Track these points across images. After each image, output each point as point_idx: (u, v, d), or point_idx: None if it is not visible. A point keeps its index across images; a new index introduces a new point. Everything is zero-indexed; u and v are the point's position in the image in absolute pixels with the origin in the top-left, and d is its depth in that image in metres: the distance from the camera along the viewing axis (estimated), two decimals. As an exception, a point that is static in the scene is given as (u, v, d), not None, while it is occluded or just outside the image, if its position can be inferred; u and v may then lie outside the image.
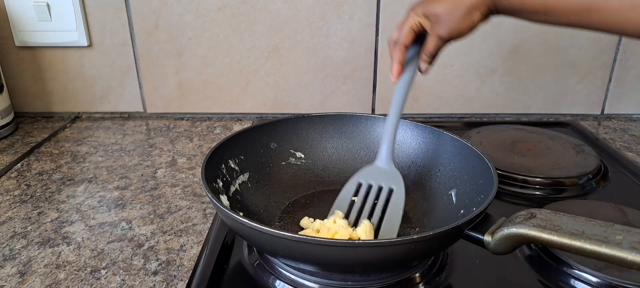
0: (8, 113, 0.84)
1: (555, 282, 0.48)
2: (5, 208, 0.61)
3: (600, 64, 0.88)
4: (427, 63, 0.57)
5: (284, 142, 0.63)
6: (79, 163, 0.74)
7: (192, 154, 0.77)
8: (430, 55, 0.56)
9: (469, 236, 0.43)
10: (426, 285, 0.47)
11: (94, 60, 0.87)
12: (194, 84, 0.89)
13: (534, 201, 0.63)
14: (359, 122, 0.64)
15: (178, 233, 0.56)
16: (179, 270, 0.49)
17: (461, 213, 0.51)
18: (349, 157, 0.64)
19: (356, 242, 0.39)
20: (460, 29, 0.54)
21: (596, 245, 0.36)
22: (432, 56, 0.57)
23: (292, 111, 0.91)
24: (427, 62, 0.57)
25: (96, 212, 0.60)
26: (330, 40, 0.86)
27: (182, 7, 0.83)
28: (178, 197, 0.64)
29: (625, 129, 0.87)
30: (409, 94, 0.57)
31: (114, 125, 0.89)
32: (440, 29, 0.55)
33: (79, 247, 0.53)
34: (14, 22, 0.84)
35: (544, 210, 0.41)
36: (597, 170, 0.68)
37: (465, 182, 0.54)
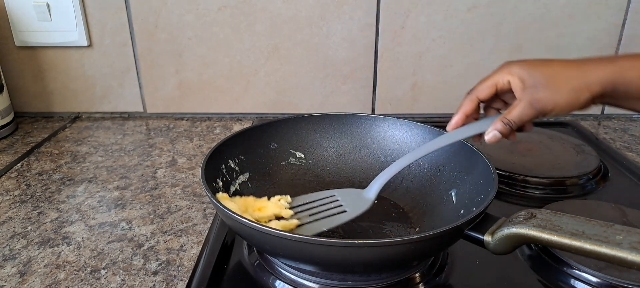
0: (8, 113, 0.84)
1: (555, 282, 0.48)
2: (5, 208, 0.61)
3: (600, 64, 0.88)
4: (503, 131, 0.48)
5: (284, 142, 0.63)
6: (79, 163, 0.74)
7: (192, 154, 0.77)
8: (510, 122, 0.48)
9: (469, 236, 0.43)
10: (426, 285, 0.47)
11: (94, 60, 0.87)
12: (194, 84, 0.89)
13: (534, 201, 0.63)
14: (359, 122, 0.64)
15: (178, 233, 0.56)
16: (179, 270, 0.49)
17: (461, 213, 0.51)
18: (348, 157, 0.64)
19: (356, 242, 0.39)
20: (560, 103, 0.46)
21: (596, 245, 0.36)
22: (513, 125, 0.48)
23: (292, 111, 0.91)
24: (502, 130, 0.48)
25: (96, 212, 0.60)
26: (330, 40, 0.86)
27: (182, 7, 0.83)
28: (178, 197, 0.64)
29: (625, 129, 0.87)
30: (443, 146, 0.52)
31: (114, 125, 0.89)
32: (535, 96, 0.46)
33: (79, 247, 0.53)
34: (14, 22, 0.84)
35: (544, 210, 0.41)
36: (597, 170, 0.68)
37: (465, 182, 0.54)
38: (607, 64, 0.46)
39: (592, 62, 0.47)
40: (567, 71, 0.47)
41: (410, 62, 0.87)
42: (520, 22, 0.85)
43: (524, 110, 0.47)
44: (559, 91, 0.46)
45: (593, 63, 0.47)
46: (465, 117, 0.52)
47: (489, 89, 0.51)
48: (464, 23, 0.84)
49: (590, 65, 0.47)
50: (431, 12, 0.84)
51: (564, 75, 0.47)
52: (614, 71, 0.46)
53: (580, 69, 0.47)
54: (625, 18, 0.84)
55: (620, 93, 0.46)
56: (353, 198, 0.53)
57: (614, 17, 0.84)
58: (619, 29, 0.85)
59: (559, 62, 0.48)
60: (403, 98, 0.90)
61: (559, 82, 0.46)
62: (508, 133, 0.49)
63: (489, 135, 0.50)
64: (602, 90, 0.46)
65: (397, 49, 0.86)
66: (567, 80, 0.46)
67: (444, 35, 0.85)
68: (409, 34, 0.85)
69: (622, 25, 0.85)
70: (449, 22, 0.84)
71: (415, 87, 0.89)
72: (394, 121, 0.63)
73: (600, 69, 0.46)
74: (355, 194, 0.54)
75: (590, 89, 0.46)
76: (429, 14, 0.84)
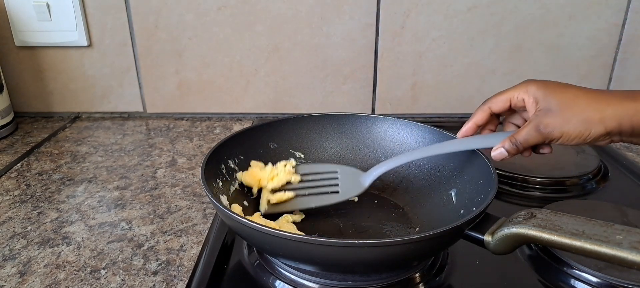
0: (8, 113, 0.84)
1: (555, 282, 0.48)
2: (5, 208, 0.61)
3: (600, 64, 0.88)
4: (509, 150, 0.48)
5: (284, 142, 0.62)
6: (79, 163, 0.74)
7: (192, 154, 0.77)
8: (516, 143, 0.47)
9: (469, 236, 0.43)
10: (426, 285, 0.47)
11: (94, 60, 0.87)
12: (194, 84, 0.89)
13: (534, 201, 0.63)
14: (358, 122, 0.64)
15: (178, 233, 0.56)
16: (179, 270, 0.49)
17: (461, 213, 0.51)
18: (348, 157, 0.64)
19: (356, 242, 0.39)
20: (568, 132, 0.44)
21: (596, 245, 0.36)
22: (519, 145, 0.47)
23: (292, 111, 0.91)
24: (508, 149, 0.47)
25: (96, 212, 0.60)
26: (330, 40, 0.86)
27: (182, 7, 0.83)
28: (178, 197, 0.64)
29: (626, 129, 0.87)
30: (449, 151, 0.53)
31: (114, 125, 0.89)
32: (545, 120, 0.45)
33: (78, 247, 0.53)
34: (14, 22, 0.84)
35: (544, 210, 0.41)
36: (597, 170, 0.68)
37: (465, 182, 0.54)
38: (628, 100, 0.44)
39: (612, 96, 0.45)
40: (583, 100, 0.45)
41: (410, 62, 0.87)
42: (520, 22, 0.85)
43: (530, 133, 0.46)
44: (570, 120, 0.44)
45: (613, 97, 0.44)
46: (476, 126, 0.52)
47: (503, 102, 0.50)
48: (464, 23, 0.84)
49: (610, 99, 0.44)
50: (431, 12, 0.84)
51: (579, 104, 0.44)
52: (635, 108, 0.43)
53: (598, 100, 0.44)
54: (625, 18, 0.84)
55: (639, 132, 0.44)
56: (351, 179, 0.56)
57: (614, 17, 0.84)
58: (619, 29, 0.85)
59: (579, 90, 0.46)
60: (403, 98, 0.90)
61: (572, 111, 0.44)
62: (515, 152, 0.48)
63: (495, 152, 0.49)
64: (618, 127, 0.43)
65: (397, 49, 0.86)
66: (581, 111, 0.44)
67: (444, 35, 0.85)
68: (409, 34, 0.85)
69: (622, 25, 0.85)
70: (449, 22, 0.84)
71: (415, 87, 0.89)
72: (394, 121, 0.63)
73: (619, 104, 0.44)
74: (354, 176, 0.57)
75: (604, 123, 0.44)
76: (429, 14, 0.84)
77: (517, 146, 0.47)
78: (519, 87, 0.49)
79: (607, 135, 0.44)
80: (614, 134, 0.44)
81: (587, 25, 0.85)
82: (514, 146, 0.47)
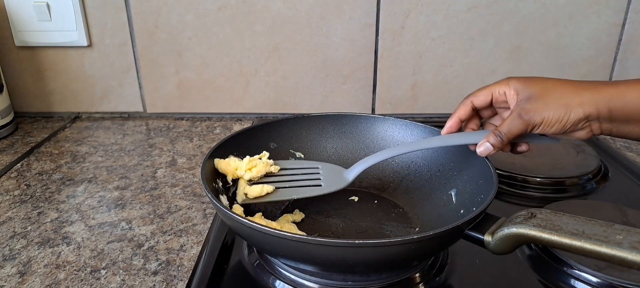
0: (8, 113, 0.84)
1: (555, 282, 0.48)
2: (5, 208, 0.61)
3: (600, 64, 0.88)
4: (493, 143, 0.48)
5: (284, 142, 0.62)
6: (79, 163, 0.74)
7: (192, 154, 0.77)
8: (500, 134, 0.48)
9: (469, 236, 0.43)
10: (426, 285, 0.47)
11: (94, 60, 0.87)
12: (194, 83, 0.89)
13: (534, 201, 0.63)
14: (358, 122, 0.64)
15: (178, 233, 0.56)
16: (179, 270, 0.49)
17: (461, 213, 0.51)
18: (348, 157, 0.64)
19: (356, 242, 0.39)
20: (547, 116, 0.46)
21: (596, 244, 0.36)
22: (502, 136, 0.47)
23: (292, 111, 0.91)
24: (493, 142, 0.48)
25: (96, 212, 0.60)
26: (330, 40, 0.86)
27: (182, 7, 0.83)
28: (178, 197, 0.64)
29: (626, 129, 0.87)
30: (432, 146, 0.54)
31: (114, 125, 0.89)
32: (524, 106, 0.46)
33: (78, 247, 0.53)
34: (14, 22, 0.84)
35: (544, 210, 0.41)
36: (597, 170, 0.68)
37: (465, 182, 0.54)
38: (605, 86, 0.46)
39: (590, 83, 0.47)
40: (562, 88, 0.47)
41: (410, 62, 0.87)
42: (520, 22, 0.85)
43: (512, 121, 0.47)
44: (549, 105, 0.46)
45: (591, 84, 0.47)
46: (459, 121, 0.53)
47: (485, 96, 0.51)
48: (464, 23, 0.84)
49: (587, 85, 0.46)
50: (431, 12, 0.84)
51: (558, 91, 0.46)
52: (611, 93, 0.45)
53: (576, 87, 0.47)
54: (625, 18, 0.84)
55: (618, 116, 0.45)
56: (333, 174, 0.55)
57: (614, 17, 0.84)
58: (619, 29, 0.85)
59: (558, 80, 0.48)
60: (403, 98, 0.90)
61: (551, 97, 0.46)
62: (500, 145, 0.48)
63: (481, 148, 0.49)
64: (596, 111, 0.45)
65: (397, 49, 0.86)
66: (560, 96, 0.46)
67: (444, 35, 0.85)
68: (409, 34, 0.85)
69: (622, 25, 0.85)
70: (449, 22, 0.84)
71: (415, 87, 0.89)
72: (393, 121, 0.63)
73: (596, 89, 0.46)
74: (336, 171, 0.56)
75: (582, 107, 0.45)
76: (429, 14, 0.84)
77: (502, 138, 0.48)
78: (500, 82, 0.50)
79: (585, 119, 0.46)
80: (593, 118, 0.46)
81: (587, 25, 0.85)
82: (498, 138, 0.48)
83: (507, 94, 0.49)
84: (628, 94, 0.45)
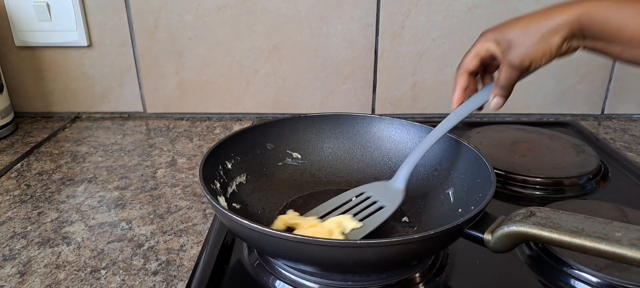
0: (8, 113, 0.84)
1: (555, 282, 0.48)
2: (5, 208, 0.61)
3: (600, 64, 0.88)
4: (500, 96, 0.51)
5: (281, 142, 0.62)
6: (79, 163, 0.74)
7: (192, 154, 0.77)
8: (502, 87, 0.50)
9: (469, 235, 0.43)
10: (426, 285, 0.47)
11: (94, 60, 0.87)
12: (194, 84, 0.89)
13: (534, 201, 0.63)
14: (355, 122, 0.64)
15: (178, 233, 0.56)
16: (179, 270, 0.49)
17: (459, 212, 0.51)
18: (345, 157, 0.64)
19: (356, 242, 0.39)
20: (533, 55, 0.48)
21: (596, 242, 0.36)
22: (504, 89, 0.50)
23: (292, 111, 0.91)
24: (499, 95, 0.51)
25: (96, 212, 0.60)
26: (330, 40, 0.86)
27: (182, 7, 0.83)
28: (178, 197, 0.64)
29: (626, 129, 0.87)
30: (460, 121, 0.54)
31: (114, 125, 0.89)
32: (511, 56, 0.49)
33: (78, 247, 0.53)
34: (14, 22, 0.84)
35: (543, 208, 0.41)
36: (597, 170, 0.68)
37: (463, 181, 0.54)
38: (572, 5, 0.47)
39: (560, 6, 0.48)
40: (534, 22, 0.48)
41: (410, 62, 0.87)
42: (520, 22, 0.84)
43: (507, 71, 0.50)
44: (531, 45, 0.48)
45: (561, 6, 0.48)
46: (463, 91, 0.54)
47: (474, 60, 0.53)
48: (464, 23, 0.84)
49: (557, 8, 0.48)
50: (431, 12, 0.84)
51: (532, 27, 0.48)
52: (580, 10, 0.46)
53: (547, 15, 0.48)
54: (625, 18, 0.84)
55: (590, 32, 0.46)
56: (384, 191, 0.54)
57: (613, 17, 0.84)
58: (618, 29, 0.85)
59: (528, 15, 0.49)
60: (403, 98, 0.90)
61: (529, 35, 0.48)
62: (507, 94, 0.51)
63: (493, 104, 0.52)
64: (570, 30, 0.47)
65: (397, 49, 0.86)
66: (536, 31, 0.48)
67: (444, 35, 0.85)
68: (409, 34, 0.85)
69: (622, 25, 0.85)
70: (449, 22, 0.84)
71: (415, 87, 0.89)
72: (391, 121, 0.63)
73: (565, 10, 0.47)
74: (384, 187, 0.54)
75: (558, 32, 0.47)
76: (429, 14, 0.84)
77: (505, 88, 0.51)
78: (479, 41, 0.53)
79: (565, 41, 0.47)
80: (571, 38, 0.47)
81: (587, 25, 0.85)
82: (503, 90, 0.51)
83: (490, 49, 0.51)
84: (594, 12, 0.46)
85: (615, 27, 0.45)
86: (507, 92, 0.51)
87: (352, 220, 0.51)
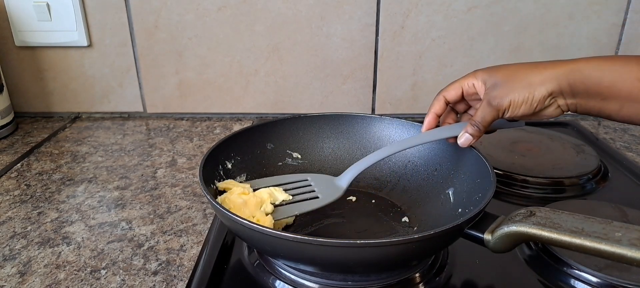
0: (8, 113, 0.84)
1: (555, 282, 0.48)
2: (5, 208, 0.61)
3: (600, 63, 0.88)
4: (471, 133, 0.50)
5: (281, 142, 0.62)
6: (79, 163, 0.74)
7: (192, 154, 0.77)
8: (475, 124, 0.50)
9: (469, 235, 0.43)
10: (426, 285, 0.47)
11: (94, 60, 0.87)
12: (194, 83, 0.89)
13: (533, 201, 0.63)
14: (355, 122, 0.64)
15: (178, 233, 0.56)
16: (179, 270, 0.49)
17: (459, 212, 0.51)
18: (345, 157, 0.64)
19: (357, 242, 0.39)
20: (513, 99, 0.48)
21: (596, 242, 0.36)
22: (477, 126, 0.50)
23: (292, 111, 0.91)
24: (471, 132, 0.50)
25: (96, 212, 0.60)
26: (330, 40, 0.86)
27: (182, 7, 0.83)
28: (178, 197, 0.64)
29: (625, 129, 0.87)
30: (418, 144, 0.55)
31: (114, 125, 0.89)
32: (492, 94, 0.49)
33: (78, 247, 0.53)
34: (14, 22, 0.84)
35: (543, 208, 0.41)
36: (597, 170, 0.68)
37: (463, 181, 0.54)
38: (565, 63, 0.48)
39: (551, 63, 0.49)
40: (524, 70, 0.49)
41: (410, 62, 0.87)
42: (520, 22, 0.85)
43: (484, 110, 0.50)
44: (514, 88, 0.48)
45: (552, 63, 0.49)
46: (436, 116, 0.55)
47: (455, 90, 0.53)
48: (464, 23, 0.84)
49: (548, 65, 0.49)
50: (431, 12, 0.84)
51: (520, 74, 0.49)
52: (570, 68, 0.47)
53: (537, 68, 0.49)
54: (625, 18, 0.84)
55: (582, 89, 0.47)
56: (326, 184, 0.54)
57: (614, 17, 0.84)
58: (619, 29, 0.85)
59: (521, 64, 0.50)
60: (403, 98, 0.90)
61: (515, 80, 0.48)
62: (478, 134, 0.51)
63: (461, 139, 0.52)
64: (558, 86, 0.47)
65: (397, 49, 0.86)
66: (523, 78, 0.48)
67: (444, 35, 0.85)
68: (409, 34, 0.85)
69: (622, 25, 0.85)
70: (449, 22, 0.84)
71: (415, 87, 0.89)
72: (390, 121, 0.63)
73: (556, 67, 0.48)
74: (327, 181, 0.55)
75: (544, 85, 0.47)
76: (429, 14, 0.84)
77: (478, 126, 0.50)
78: (468, 76, 0.53)
79: (549, 95, 0.48)
80: (556, 94, 0.48)
81: (587, 25, 0.85)
82: (475, 127, 0.51)
83: (475, 85, 0.52)
84: (585, 69, 0.47)
85: (609, 81, 0.46)
86: (479, 130, 0.50)
87: (282, 193, 0.52)
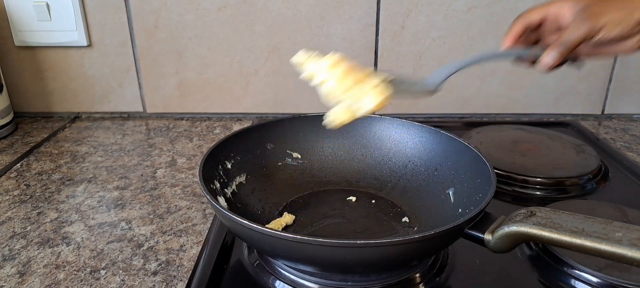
0: (8, 113, 0.84)
1: (556, 282, 0.48)
2: (5, 209, 0.61)
3: (600, 64, 0.88)
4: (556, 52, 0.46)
5: (280, 142, 0.62)
6: (79, 163, 0.74)
7: (192, 154, 0.77)
8: (561, 43, 0.46)
9: (469, 235, 0.43)
10: (426, 285, 0.47)
11: (94, 60, 0.87)
12: (194, 83, 0.89)
13: (534, 201, 0.63)
14: (355, 122, 0.64)
15: (178, 234, 0.56)
16: (178, 270, 0.49)
17: (459, 212, 0.51)
18: (345, 157, 0.64)
19: (357, 243, 0.39)
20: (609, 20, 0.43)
21: (596, 242, 0.36)
22: (563, 46, 0.46)
23: (292, 111, 0.91)
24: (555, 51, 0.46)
25: (96, 212, 0.60)
26: (330, 40, 0.86)
27: (182, 7, 0.83)
28: (178, 197, 0.64)
29: (626, 129, 0.87)
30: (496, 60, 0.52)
31: (113, 125, 0.89)
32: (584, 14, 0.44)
33: (78, 247, 0.53)
34: (14, 22, 0.84)
35: (543, 208, 0.41)
36: (597, 170, 0.68)
37: (463, 181, 0.54)
38: None
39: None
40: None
41: (411, 62, 0.87)
42: (520, 22, 0.84)
43: (575, 27, 0.45)
44: (609, 8, 0.44)
45: None
46: (514, 39, 0.51)
47: (537, 13, 0.49)
48: (464, 23, 0.84)
49: None
50: (431, 12, 0.84)
51: None
52: None
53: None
54: None
55: None
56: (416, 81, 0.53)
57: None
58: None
59: None
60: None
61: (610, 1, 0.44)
62: (564, 53, 0.47)
63: (546, 58, 0.48)
64: None
65: (397, 49, 0.86)
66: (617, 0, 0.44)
67: (444, 35, 0.85)
68: (409, 34, 0.85)
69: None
70: (449, 22, 0.84)
71: (415, 87, 0.89)
72: (391, 121, 0.63)
73: None
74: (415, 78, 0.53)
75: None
76: (429, 14, 0.84)
77: (564, 46, 0.46)
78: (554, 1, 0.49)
79: None
80: None
81: (587, 25, 0.85)
82: (561, 46, 0.46)
83: (560, 11, 0.48)
84: None
85: None
86: (565, 51, 0.46)
87: None
